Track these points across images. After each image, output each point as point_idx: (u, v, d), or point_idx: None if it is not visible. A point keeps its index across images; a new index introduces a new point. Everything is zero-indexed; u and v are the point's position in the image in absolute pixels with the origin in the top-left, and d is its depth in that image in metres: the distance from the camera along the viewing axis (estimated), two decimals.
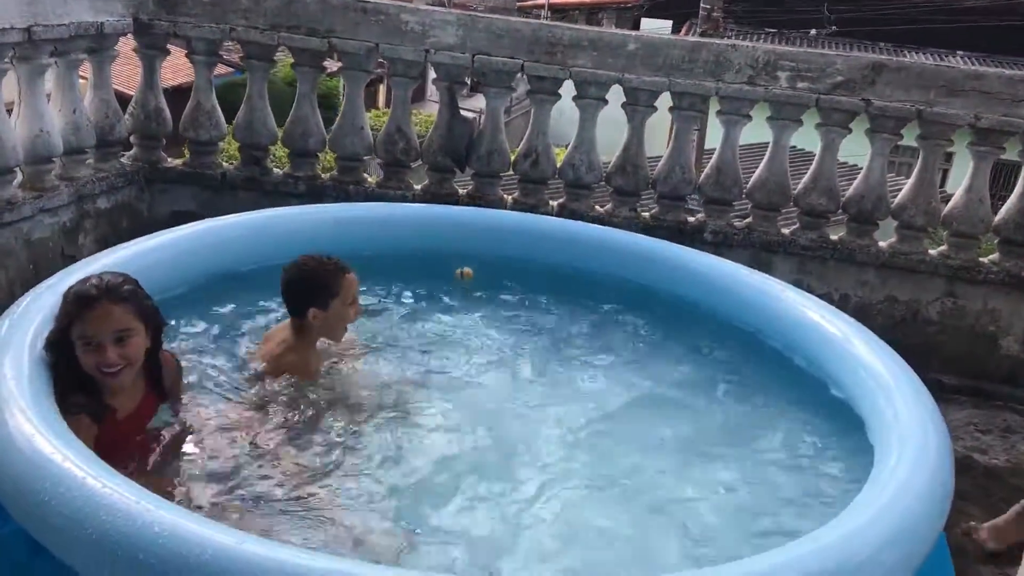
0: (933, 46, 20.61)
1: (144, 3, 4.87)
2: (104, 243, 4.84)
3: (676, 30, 22.18)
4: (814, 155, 5.07)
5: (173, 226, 4.98)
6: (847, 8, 21.03)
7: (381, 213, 4.50)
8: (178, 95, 4.95)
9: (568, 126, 5.35)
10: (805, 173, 5.07)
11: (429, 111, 17.30)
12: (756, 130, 5.18)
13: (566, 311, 4.06)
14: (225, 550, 1.93)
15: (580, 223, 4.68)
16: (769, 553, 2.19)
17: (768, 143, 5.04)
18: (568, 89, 4.98)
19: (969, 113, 4.67)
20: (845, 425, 3.14)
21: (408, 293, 4.09)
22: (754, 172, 5.11)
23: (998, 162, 4.93)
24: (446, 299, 4.07)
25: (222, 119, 5.22)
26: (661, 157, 5.20)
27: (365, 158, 5.25)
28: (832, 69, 4.76)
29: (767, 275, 4.15)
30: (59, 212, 4.52)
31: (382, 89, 23.83)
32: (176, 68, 11.58)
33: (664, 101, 5.00)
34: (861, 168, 5.08)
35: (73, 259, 4.59)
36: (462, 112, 5.13)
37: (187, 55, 5.09)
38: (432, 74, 5.09)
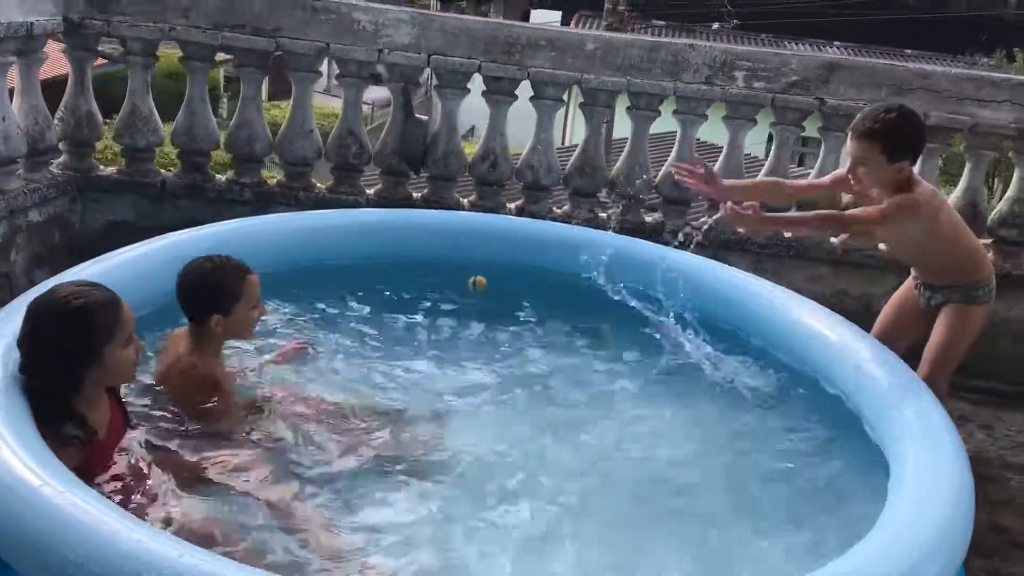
0: (813, 37, 21.38)
1: (75, 2, 4.55)
2: (36, 259, 4.54)
3: (565, 22, 22.31)
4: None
5: (108, 238, 4.77)
6: (749, 2, 21.63)
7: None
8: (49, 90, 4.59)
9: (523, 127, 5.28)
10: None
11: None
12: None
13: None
14: None
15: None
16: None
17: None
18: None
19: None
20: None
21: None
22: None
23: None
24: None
25: (160, 124, 4.93)
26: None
27: (314, 162, 5.04)
28: (787, 69, 4.81)
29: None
30: None
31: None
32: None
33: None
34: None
35: (7, 277, 4.30)
36: (416, 115, 4.96)
37: (121, 55, 4.79)
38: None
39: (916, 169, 3.64)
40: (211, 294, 2.93)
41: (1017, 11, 23.88)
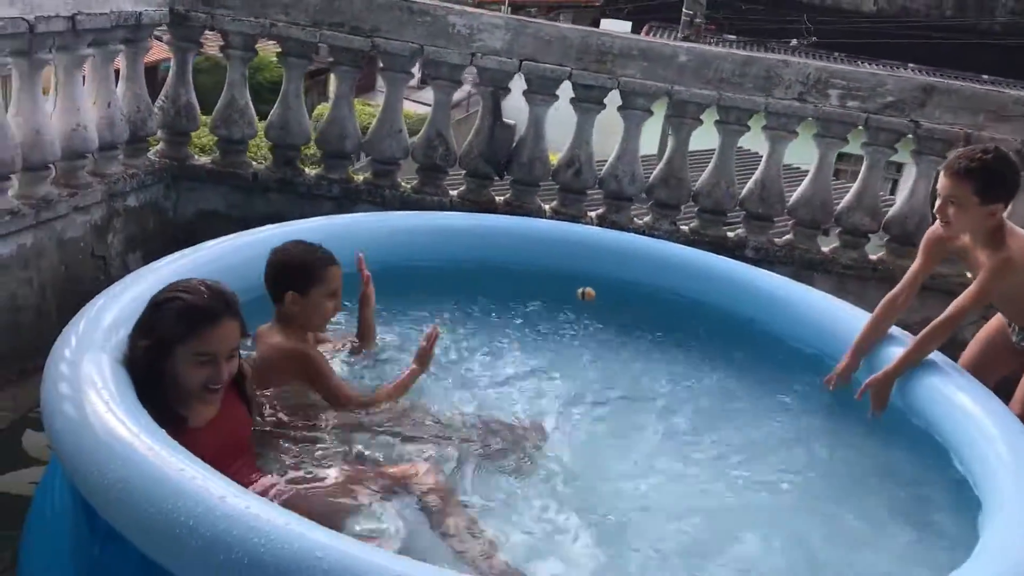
0: (887, 59, 21.03)
1: None
2: (131, 242, 4.66)
3: (635, 32, 22.25)
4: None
5: (199, 226, 4.89)
6: (826, 20, 21.32)
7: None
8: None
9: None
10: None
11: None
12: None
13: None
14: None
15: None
16: None
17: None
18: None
19: (1016, 138, 4.68)
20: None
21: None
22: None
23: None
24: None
25: (255, 117, 5.04)
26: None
27: (401, 161, 5.10)
28: (883, 89, 4.74)
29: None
30: (91, 210, 4.31)
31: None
32: None
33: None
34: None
35: (103, 260, 4.42)
36: (504, 119, 4.99)
37: (221, 49, 4.90)
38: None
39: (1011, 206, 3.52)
40: (293, 272, 3.04)
41: None
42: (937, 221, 3.51)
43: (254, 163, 5.17)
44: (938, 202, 3.46)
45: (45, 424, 2.34)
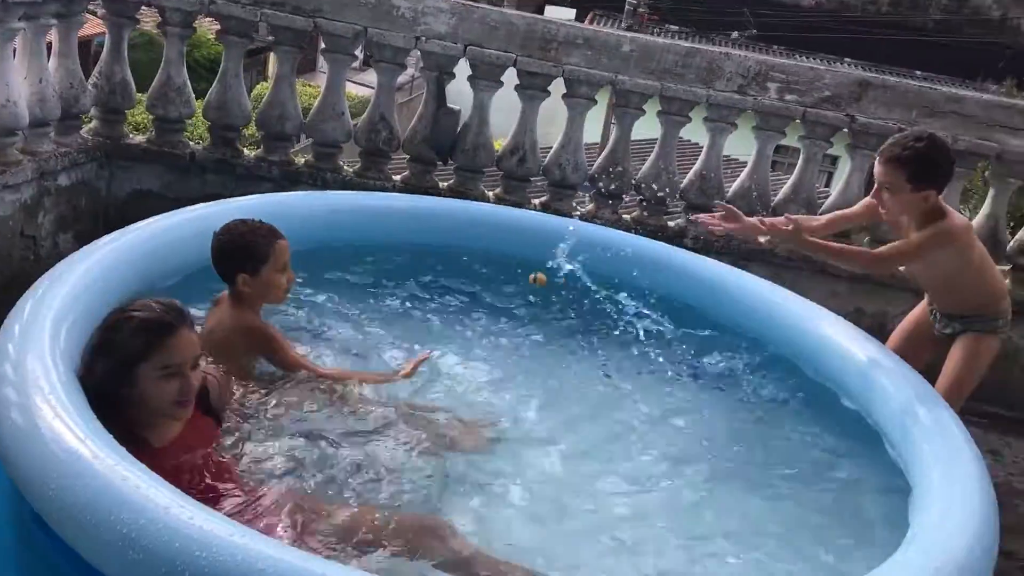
0: (826, 53, 21.47)
1: None
2: (63, 223, 4.55)
3: (580, 19, 22.31)
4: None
5: (133, 206, 4.78)
6: (766, 13, 21.63)
7: None
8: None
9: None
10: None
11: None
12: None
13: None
14: None
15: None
16: None
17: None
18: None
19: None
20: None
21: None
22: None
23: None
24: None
25: (192, 95, 4.93)
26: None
27: (343, 145, 5.05)
28: (821, 83, 4.83)
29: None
30: (21, 189, 4.19)
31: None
32: None
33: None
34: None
35: (33, 240, 4.31)
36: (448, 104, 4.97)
37: (158, 25, 4.78)
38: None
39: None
40: (240, 253, 3.03)
41: None
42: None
43: (191, 143, 5.07)
44: (875, 187, 3.58)
45: None
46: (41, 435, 2.12)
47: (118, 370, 2.32)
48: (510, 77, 4.91)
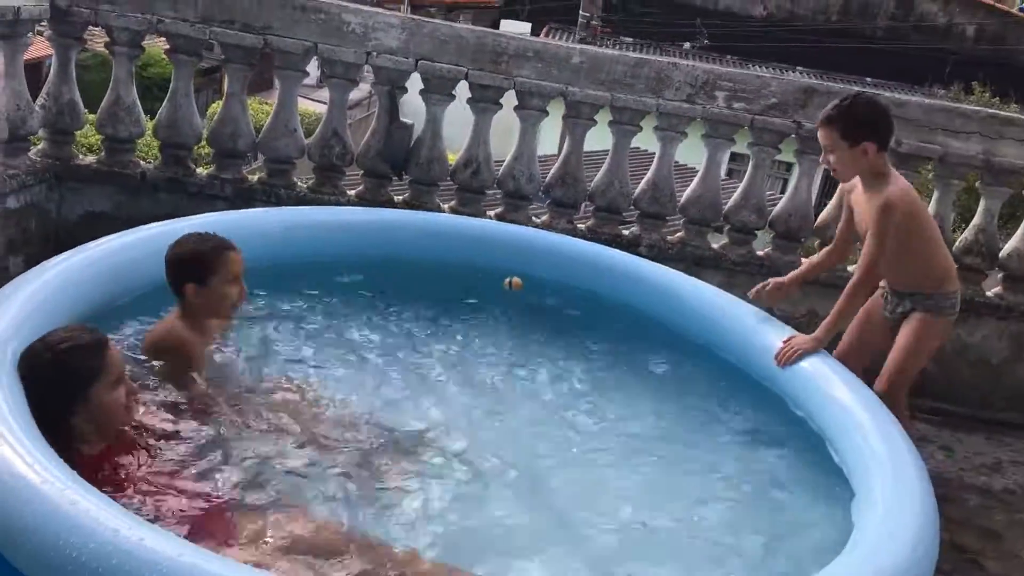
0: (777, 62, 21.86)
1: None
2: (12, 246, 4.50)
3: (535, 33, 22.49)
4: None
5: (85, 228, 4.74)
6: (718, 23, 21.95)
7: None
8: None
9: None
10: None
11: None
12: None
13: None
14: None
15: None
16: None
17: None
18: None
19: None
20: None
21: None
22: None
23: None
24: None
25: (143, 115, 4.90)
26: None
27: (296, 161, 5.04)
28: (767, 91, 4.92)
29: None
30: None
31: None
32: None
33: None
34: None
35: None
36: (401, 119, 4.99)
37: (106, 45, 4.75)
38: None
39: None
40: (190, 263, 3.05)
41: (975, 46, 24.56)
42: None
43: (142, 162, 5.03)
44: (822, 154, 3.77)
45: None
46: None
47: (74, 396, 2.43)
48: (463, 90, 4.95)
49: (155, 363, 2.98)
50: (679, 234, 5.26)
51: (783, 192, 5.64)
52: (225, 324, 3.30)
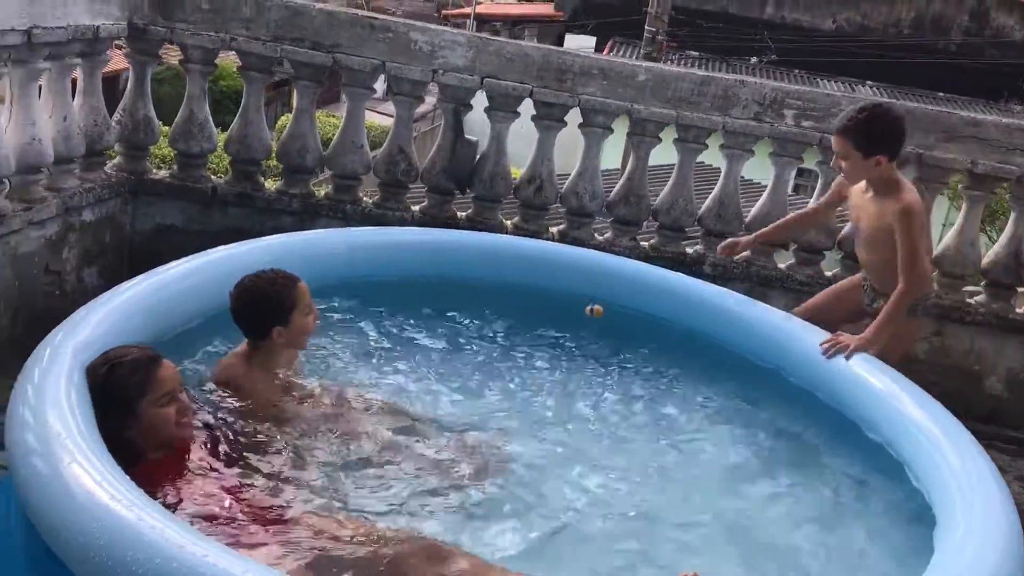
0: (846, 76, 21.47)
1: (140, 7, 4.64)
2: (87, 257, 4.61)
3: (599, 48, 22.44)
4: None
5: (157, 241, 4.86)
6: (786, 38, 21.67)
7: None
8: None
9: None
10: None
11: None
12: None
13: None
14: None
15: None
16: None
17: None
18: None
19: (966, 158, 4.79)
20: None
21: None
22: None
23: None
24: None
25: (214, 131, 5.01)
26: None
27: (363, 177, 5.10)
28: (837, 109, 4.80)
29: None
30: (46, 225, 4.25)
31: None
32: None
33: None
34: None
35: (58, 275, 4.37)
36: (466, 136, 5.02)
37: (180, 63, 4.87)
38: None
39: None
40: (268, 308, 3.04)
41: None
42: None
43: (213, 177, 5.14)
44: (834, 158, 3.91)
45: (13, 474, 2.34)
46: (62, 481, 2.17)
47: (123, 410, 2.52)
48: (527, 108, 4.95)
49: (223, 393, 3.02)
50: (744, 253, 5.18)
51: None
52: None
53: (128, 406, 2.53)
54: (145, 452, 2.56)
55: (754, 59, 20.55)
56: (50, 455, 2.25)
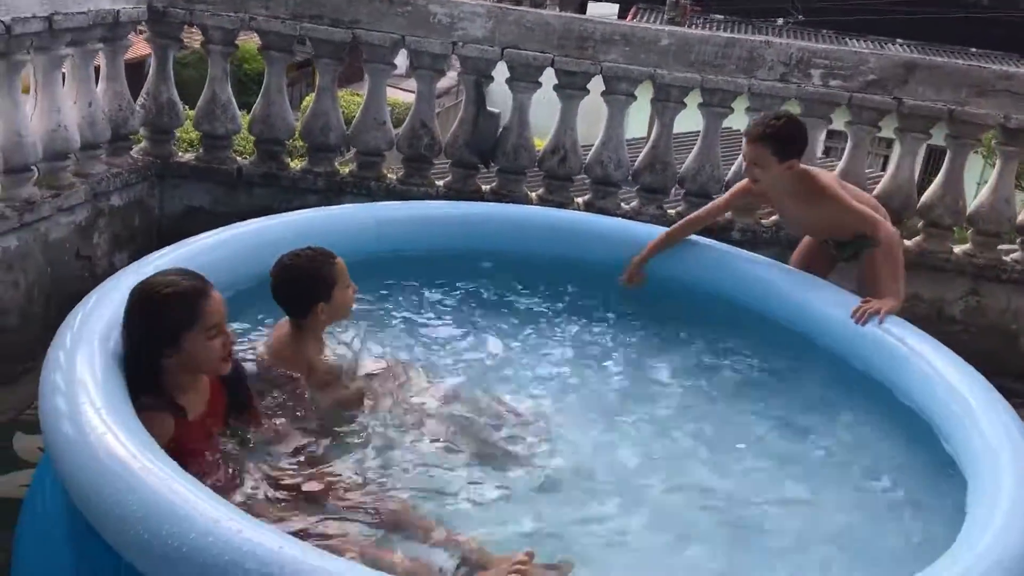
0: (875, 35, 21.05)
1: None
2: (117, 242, 4.65)
3: (622, 14, 22.17)
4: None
5: (185, 223, 4.89)
6: None
7: None
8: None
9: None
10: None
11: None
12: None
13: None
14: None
15: None
16: None
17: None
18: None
19: (999, 113, 4.69)
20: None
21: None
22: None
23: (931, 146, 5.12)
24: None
25: (237, 112, 5.02)
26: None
27: (386, 153, 5.10)
28: (865, 67, 4.74)
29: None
30: (75, 211, 4.29)
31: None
32: None
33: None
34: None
35: (89, 260, 4.42)
36: (488, 108, 4.98)
37: (201, 44, 4.87)
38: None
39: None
40: (310, 286, 3.04)
41: None
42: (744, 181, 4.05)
43: (238, 158, 5.16)
44: (744, 165, 3.95)
45: (45, 440, 2.37)
46: (91, 447, 2.19)
47: (166, 341, 2.48)
48: (549, 77, 4.91)
49: (271, 368, 3.04)
50: (773, 218, 5.11)
51: (883, 169, 5.45)
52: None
53: (174, 336, 2.47)
54: (169, 389, 2.52)
55: (780, 20, 20.19)
56: (81, 420, 2.25)
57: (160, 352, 2.49)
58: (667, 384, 3.62)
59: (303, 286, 3.03)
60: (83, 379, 2.39)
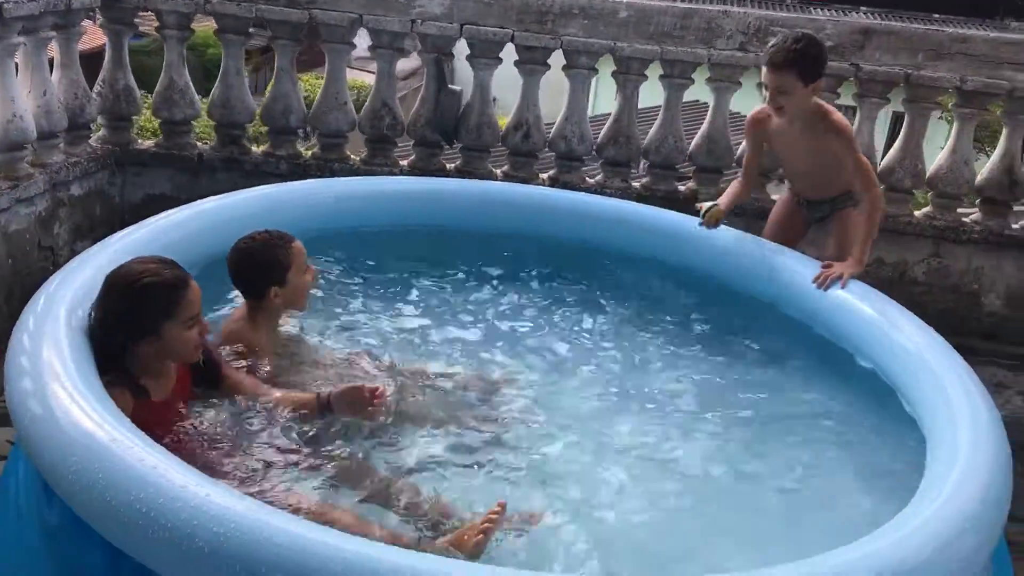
0: (839, 3, 21.07)
1: None
2: (79, 232, 4.61)
3: None
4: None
5: (147, 210, 4.84)
6: None
7: None
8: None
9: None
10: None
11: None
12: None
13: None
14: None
15: None
16: (837, 551, 2.14)
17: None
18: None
19: (955, 76, 4.74)
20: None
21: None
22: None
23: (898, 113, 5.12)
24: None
25: (196, 97, 4.98)
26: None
27: (348, 134, 5.07)
28: (823, 34, 4.73)
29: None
30: (35, 201, 4.25)
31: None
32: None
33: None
34: None
35: (50, 250, 4.38)
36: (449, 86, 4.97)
37: (157, 29, 4.82)
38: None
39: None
40: (264, 269, 3.02)
41: None
42: (756, 109, 3.99)
43: (199, 144, 5.11)
44: (767, 94, 3.79)
45: (14, 421, 2.36)
46: (58, 421, 2.19)
47: (146, 329, 2.51)
48: (509, 53, 4.90)
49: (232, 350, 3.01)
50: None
51: None
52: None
53: (153, 325, 2.49)
54: (137, 375, 2.53)
55: None
56: (46, 396, 2.26)
57: (136, 339, 2.51)
58: (640, 352, 3.65)
59: (257, 269, 3.01)
60: (49, 359, 2.38)
